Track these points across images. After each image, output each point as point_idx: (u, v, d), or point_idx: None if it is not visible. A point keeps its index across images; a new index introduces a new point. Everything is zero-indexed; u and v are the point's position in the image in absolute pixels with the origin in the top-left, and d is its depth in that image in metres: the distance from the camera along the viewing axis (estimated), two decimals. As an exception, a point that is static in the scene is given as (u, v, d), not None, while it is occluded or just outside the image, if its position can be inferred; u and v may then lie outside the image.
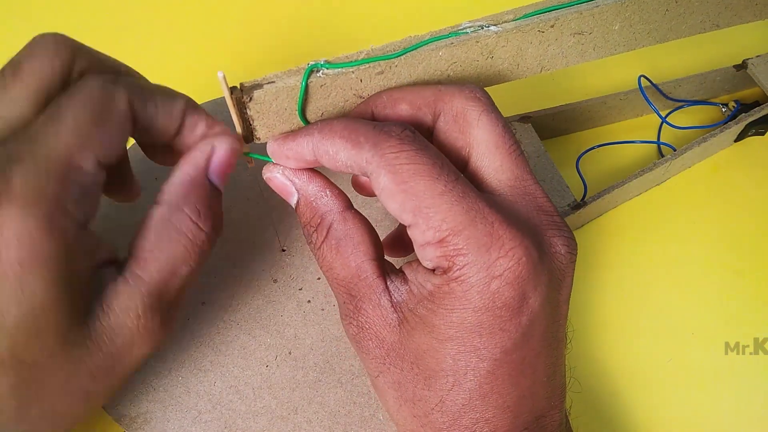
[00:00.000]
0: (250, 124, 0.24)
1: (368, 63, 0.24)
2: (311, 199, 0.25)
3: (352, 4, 0.52)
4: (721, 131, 0.40)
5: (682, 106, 0.44)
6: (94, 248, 0.22)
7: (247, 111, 0.23)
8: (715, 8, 0.28)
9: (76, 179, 0.20)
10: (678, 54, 0.46)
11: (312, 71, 0.23)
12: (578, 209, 0.36)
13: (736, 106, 0.43)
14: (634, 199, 0.41)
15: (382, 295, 0.23)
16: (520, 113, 0.40)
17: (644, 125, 0.44)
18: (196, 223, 0.23)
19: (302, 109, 0.24)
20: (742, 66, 0.43)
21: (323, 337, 0.31)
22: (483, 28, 0.25)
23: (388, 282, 0.23)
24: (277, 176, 0.25)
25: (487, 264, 0.21)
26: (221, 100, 0.29)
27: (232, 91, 0.23)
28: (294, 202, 0.25)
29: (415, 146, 0.22)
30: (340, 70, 0.24)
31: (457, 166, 0.23)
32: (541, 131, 0.40)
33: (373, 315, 0.23)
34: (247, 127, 0.24)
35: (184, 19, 0.52)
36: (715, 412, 0.33)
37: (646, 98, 0.41)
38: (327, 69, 0.24)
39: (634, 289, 0.37)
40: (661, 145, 0.43)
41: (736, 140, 0.42)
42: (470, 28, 0.25)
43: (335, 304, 0.31)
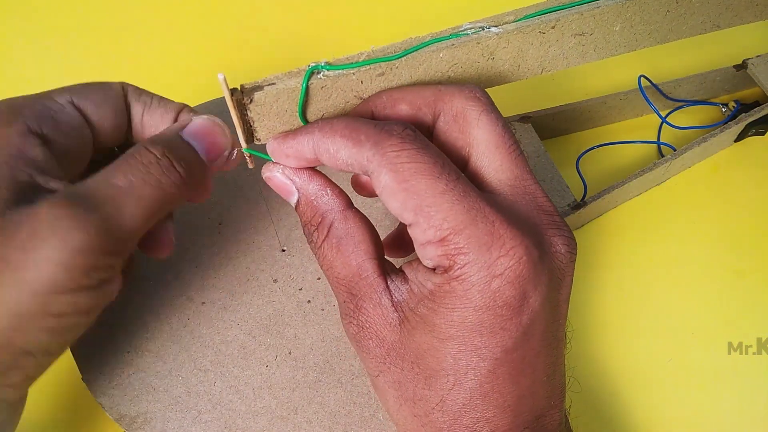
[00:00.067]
0: (251, 126, 0.24)
1: (369, 64, 0.24)
2: (312, 198, 0.25)
3: (352, 6, 0.52)
4: (721, 131, 0.40)
5: (682, 106, 0.44)
6: (43, 165, 0.22)
7: (248, 113, 0.23)
8: (716, 9, 0.28)
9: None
10: (678, 54, 0.46)
11: (313, 73, 0.23)
12: (578, 209, 0.36)
13: (736, 106, 0.43)
14: (634, 199, 0.41)
15: (383, 294, 0.23)
16: (520, 113, 0.40)
17: (644, 125, 0.44)
18: (159, 160, 0.22)
19: (303, 111, 0.24)
20: (742, 66, 0.43)
21: (323, 337, 0.31)
22: (484, 30, 0.25)
23: (389, 281, 0.23)
24: (277, 175, 0.25)
25: (488, 263, 0.21)
26: (221, 100, 0.29)
27: (233, 92, 0.23)
28: (294, 201, 0.25)
29: (417, 145, 0.22)
30: (340, 72, 0.24)
31: (457, 166, 0.23)
32: (541, 131, 0.40)
33: (373, 314, 0.23)
34: (248, 129, 0.24)
35: (184, 20, 0.52)
36: (716, 412, 0.33)
37: (646, 98, 0.41)
38: (328, 70, 0.24)
39: (634, 289, 0.37)
40: (661, 145, 0.43)
41: (736, 140, 0.42)
42: (471, 29, 0.25)
43: (335, 304, 0.31)
